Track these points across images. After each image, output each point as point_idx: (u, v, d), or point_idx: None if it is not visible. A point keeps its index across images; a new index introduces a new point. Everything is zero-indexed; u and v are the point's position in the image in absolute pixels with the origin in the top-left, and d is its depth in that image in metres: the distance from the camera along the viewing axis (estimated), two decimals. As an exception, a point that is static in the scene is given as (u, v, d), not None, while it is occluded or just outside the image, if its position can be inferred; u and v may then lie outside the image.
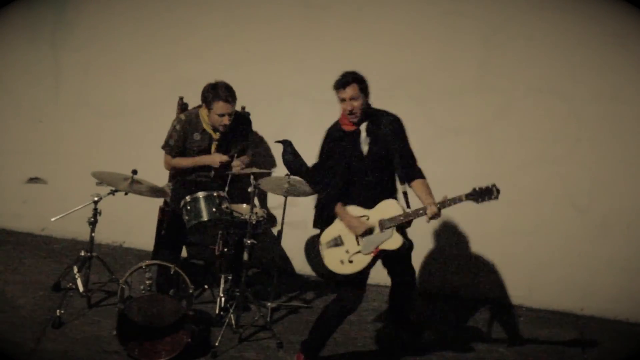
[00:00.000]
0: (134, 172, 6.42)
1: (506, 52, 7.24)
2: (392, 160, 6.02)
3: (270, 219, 7.41)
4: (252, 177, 6.46)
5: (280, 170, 7.00)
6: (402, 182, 6.05)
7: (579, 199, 7.29)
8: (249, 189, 6.42)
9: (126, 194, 6.43)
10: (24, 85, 7.61)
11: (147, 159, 7.04)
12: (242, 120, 6.95)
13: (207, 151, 6.83)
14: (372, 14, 7.32)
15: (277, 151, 6.99)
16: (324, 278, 7.60)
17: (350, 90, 5.99)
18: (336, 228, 6.06)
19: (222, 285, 6.65)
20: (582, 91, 7.20)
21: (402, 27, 7.30)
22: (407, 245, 6.06)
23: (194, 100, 7.00)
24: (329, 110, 7.38)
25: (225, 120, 6.70)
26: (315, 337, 6.14)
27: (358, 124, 6.04)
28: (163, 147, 6.87)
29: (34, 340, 6.18)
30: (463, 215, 7.37)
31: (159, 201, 7.04)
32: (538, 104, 7.25)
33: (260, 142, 7.36)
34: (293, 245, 7.58)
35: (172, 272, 6.27)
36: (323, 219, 6.09)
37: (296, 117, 7.43)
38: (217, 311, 6.60)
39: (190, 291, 6.32)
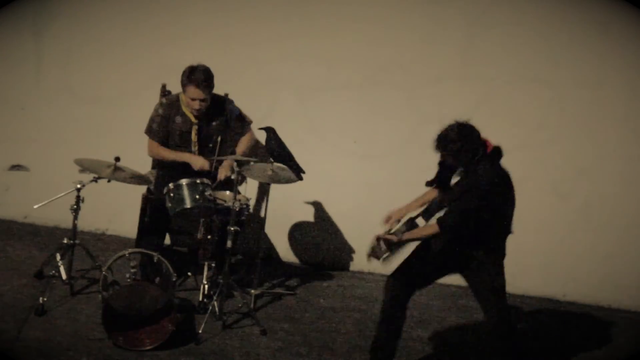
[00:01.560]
0: (117, 159, 6.40)
1: (489, 40, 7.25)
2: None
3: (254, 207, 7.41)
4: (235, 164, 6.45)
5: (263, 157, 6.99)
6: None
7: (562, 185, 7.32)
8: (232, 176, 6.41)
9: (109, 181, 6.40)
10: (6, 72, 7.56)
11: (130, 146, 7.02)
12: (223, 104, 6.90)
13: (188, 134, 6.80)
14: (354, 3, 7.31)
15: (260, 138, 6.98)
16: (307, 265, 7.62)
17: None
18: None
19: (205, 273, 6.64)
20: (564, 78, 7.22)
21: (385, 14, 7.29)
22: None
23: (176, 87, 6.97)
24: (311, 97, 7.41)
25: (196, 105, 6.66)
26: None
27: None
28: (146, 132, 6.84)
29: (17, 328, 6.16)
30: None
31: (142, 188, 7.02)
32: (521, 90, 7.27)
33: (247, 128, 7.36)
34: (277, 233, 7.59)
35: (155, 260, 6.26)
36: None
37: (279, 105, 7.42)
38: (200, 298, 6.59)
39: (174, 279, 6.31)
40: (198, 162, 6.71)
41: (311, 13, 7.34)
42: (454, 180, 5.90)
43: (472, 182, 5.75)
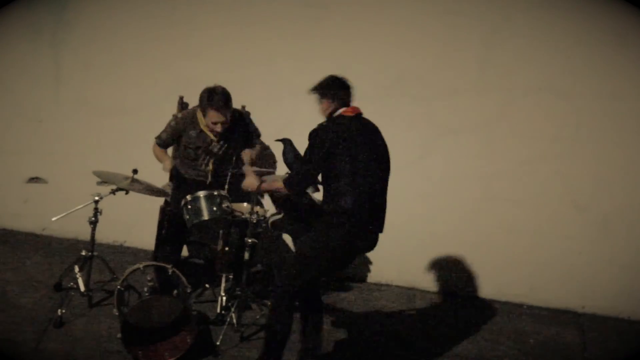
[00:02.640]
0: (135, 171, 6.42)
1: (506, 51, 7.24)
2: None
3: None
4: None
5: (281, 169, 7.00)
6: None
7: (580, 197, 7.29)
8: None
9: (127, 193, 6.43)
10: (24, 84, 7.61)
11: (148, 158, 7.04)
12: (240, 119, 6.93)
13: (204, 151, 6.82)
14: (371, 13, 7.32)
15: (277, 150, 6.99)
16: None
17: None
18: None
19: (223, 285, 6.65)
20: (582, 89, 7.20)
21: (401, 26, 7.30)
22: None
23: (194, 99, 6.99)
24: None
25: (218, 128, 6.71)
26: None
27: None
28: (155, 137, 6.93)
29: (35, 339, 6.18)
30: (463, 213, 7.38)
31: (160, 200, 7.04)
32: (538, 102, 7.25)
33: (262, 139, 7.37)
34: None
35: (170, 273, 6.25)
36: None
37: (296, 116, 7.42)
38: (218, 310, 6.59)
39: (189, 291, 6.31)
40: (165, 165, 6.83)
41: (328, 25, 7.34)
42: None
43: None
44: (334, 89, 6.04)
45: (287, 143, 6.63)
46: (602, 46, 7.12)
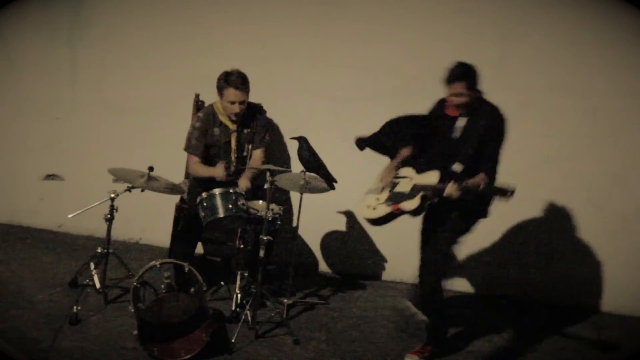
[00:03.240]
0: (151, 168, 6.42)
1: (523, 49, 7.21)
2: (474, 153, 6.13)
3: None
4: (268, 173, 6.46)
5: (295, 166, 6.99)
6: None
7: (597, 195, 7.26)
8: (265, 186, 6.41)
9: (142, 190, 6.43)
10: (41, 82, 7.64)
11: (164, 155, 7.06)
12: (257, 112, 6.92)
13: (228, 144, 6.81)
14: (388, 11, 7.30)
15: (292, 148, 6.99)
16: (339, 275, 7.60)
17: (456, 88, 6.10)
18: (386, 180, 6.34)
19: (238, 282, 6.65)
20: (599, 87, 7.17)
21: (418, 24, 7.28)
22: (418, 212, 6.18)
23: (210, 97, 7.01)
24: (345, 107, 7.41)
25: (236, 108, 6.68)
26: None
27: (465, 115, 6.17)
28: (186, 149, 6.85)
29: (51, 336, 6.19)
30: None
31: (175, 198, 7.05)
32: (556, 100, 7.22)
33: (278, 137, 7.36)
34: (309, 242, 7.58)
35: (186, 270, 6.25)
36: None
37: (312, 114, 7.43)
38: (233, 308, 6.60)
39: (204, 289, 6.31)
40: (218, 173, 6.73)
41: (345, 24, 7.34)
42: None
43: (493, 123, 6.07)
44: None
45: (302, 141, 6.63)
46: (618, 44, 7.08)
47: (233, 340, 6.25)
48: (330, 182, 6.65)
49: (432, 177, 6.15)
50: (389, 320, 6.90)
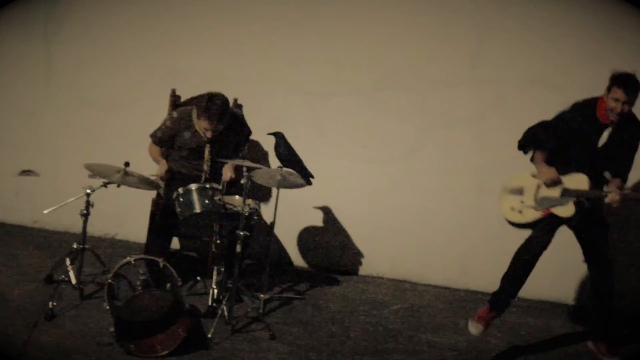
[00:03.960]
0: (126, 164, 6.41)
1: (499, 44, 7.24)
2: (612, 163, 6.17)
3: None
4: (244, 169, 6.46)
5: (272, 162, 7.00)
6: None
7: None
8: (242, 181, 6.41)
9: (118, 186, 6.42)
10: (16, 77, 7.59)
11: (140, 151, 7.02)
12: (234, 121, 6.91)
13: (198, 151, 6.81)
14: (365, 7, 7.30)
15: (269, 143, 6.98)
16: (316, 269, 7.61)
17: (629, 96, 6.07)
18: (523, 178, 6.30)
19: (214, 277, 6.65)
20: (574, 82, 7.19)
21: (394, 19, 7.29)
22: (573, 220, 6.16)
23: (186, 92, 7.00)
24: (321, 102, 7.41)
25: (208, 135, 6.69)
26: (504, 285, 6.33)
27: (616, 124, 6.12)
28: (150, 136, 6.90)
29: (27, 332, 6.17)
30: (456, 206, 7.38)
31: (152, 193, 7.03)
32: (531, 95, 7.25)
33: (254, 133, 7.35)
34: (286, 237, 7.58)
35: (161, 266, 6.23)
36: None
37: (288, 110, 7.42)
38: (209, 303, 6.59)
39: (179, 284, 6.30)
40: (159, 171, 6.76)
41: (321, 18, 7.34)
42: None
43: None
44: None
45: (279, 136, 6.63)
46: (594, 39, 7.12)
47: (210, 336, 6.24)
48: (306, 177, 6.66)
49: (581, 182, 6.13)
50: (366, 314, 6.92)
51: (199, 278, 6.90)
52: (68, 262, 6.60)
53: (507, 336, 6.79)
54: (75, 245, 6.53)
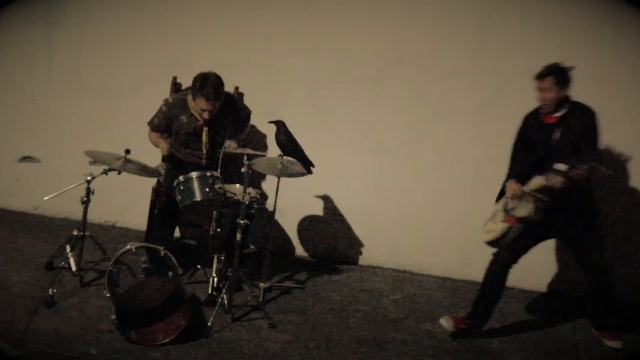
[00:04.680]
0: (127, 151, 6.41)
1: (500, 34, 7.22)
2: (575, 152, 6.20)
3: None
4: (245, 157, 6.45)
5: (273, 150, 6.99)
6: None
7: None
8: (242, 170, 6.41)
9: (119, 173, 6.42)
10: (17, 63, 7.59)
11: (141, 138, 7.02)
12: (231, 102, 6.91)
13: (195, 134, 6.81)
14: (367, -3, 7.31)
15: (270, 131, 6.97)
16: (316, 259, 7.61)
17: (544, 83, 6.21)
18: (498, 205, 6.37)
19: (214, 266, 6.65)
20: (576, 72, 7.17)
21: (397, 8, 7.27)
22: (536, 216, 6.18)
23: (187, 80, 6.98)
24: (323, 91, 7.40)
25: (205, 115, 6.69)
26: (477, 306, 6.43)
27: (552, 113, 6.24)
28: (148, 123, 6.90)
29: (26, 319, 6.17)
30: (457, 196, 7.38)
31: (152, 181, 7.03)
32: (531, 86, 7.21)
33: (255, 121, 7.34)
34: (286, 226, 7.58)
35: (162, 255, 6.23)
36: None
37: (290, 98, 7.42)
38: (209, 291, 6.60)
39: (180, 272, 6.31)
40: (163, 149, 6.82)
41: (322, 7, 7.32)
42: None
43: (588, 125, 6.22)
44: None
45: (280, 125, 6.62)
46: (596, 29, 7.10)
47: (209, 324, 6.25)
48: (307, 166, 6.65)
49: (537, 181, 6.21)
50: (365, 304, 6.92)
51: (199, 266, 6.90)
52: (68, 249, 6.60)
53: (507, 326, 6.79)
54: (75, 232, 6.53)
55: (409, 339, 6.49)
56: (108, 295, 6.11)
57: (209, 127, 6.78)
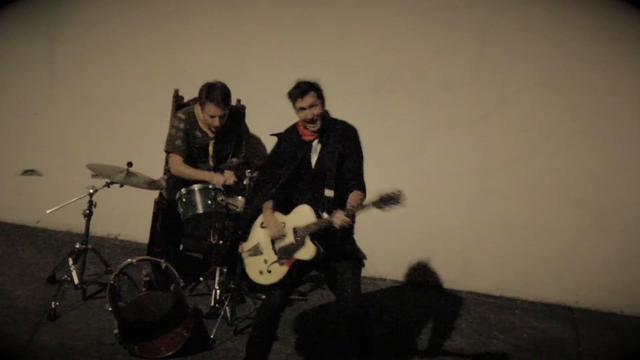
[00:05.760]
0: (129, 164, 6.41)
1: (502, 46, 7.24)
2: (339, 171, 5.75)
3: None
4: (247, 170, 6.46)
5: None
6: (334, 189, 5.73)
7: (574, 192, 7.30)
8: (245, 182, 6.41)
9: (121, 186, 6.42)
10: (19, 78, 7.60)
11: (143, 151, 7.04)
12: (236, 115, 6.93)
13: (205, 149, 6.81)
14: (367, 8, 7.31)
15: (272, 144, 6.98)
16: (318, 271, 7.60)
17: (309, 99, 5.83)
18: (257, 236, 5.81)
19: (217, 278, 6.65)
20: (577, 84, 7.21)
21: (398, 21, 7.29)
22: (322, 256, 5.67)
23: (189, 93, 7.00)
24: (325, 102, 7.40)
25: (215, 122, 6.68)
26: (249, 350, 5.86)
27: (319, 132, 5.81)
28: (168, 150, 6.79)
29: (29, 332, 6.18)
30: (458, 208, 7.38)
31: (154, 193, 7.03)
32: (533, 97, 7.26)
33: (257, 133, 7.35)
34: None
35: (163, 267, 6.23)
36: (244, 227, 5.88)
37: (291, 112, 7.40)
38: (212, 304, 6.59)
39: (182, 285, 6.30)
40: (220, 179, 6.66)
41: (323, 19, 7.34)
42: None
43: (347, 138, 5.82)
44: None
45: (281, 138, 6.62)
46: (597, 41, 7.12)
47: (212, 336, 6.25)
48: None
49: (306, 214, 5.64)
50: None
51: (201, 279, 6.90)
52: (71, 262, 6.60)
53: (510, 338, 6.79)
54: (77, 245, 6.54)
55: (411, 351, 6.48)
56: (110, 309, 6.10)
57: (216, 141, 6.78)
